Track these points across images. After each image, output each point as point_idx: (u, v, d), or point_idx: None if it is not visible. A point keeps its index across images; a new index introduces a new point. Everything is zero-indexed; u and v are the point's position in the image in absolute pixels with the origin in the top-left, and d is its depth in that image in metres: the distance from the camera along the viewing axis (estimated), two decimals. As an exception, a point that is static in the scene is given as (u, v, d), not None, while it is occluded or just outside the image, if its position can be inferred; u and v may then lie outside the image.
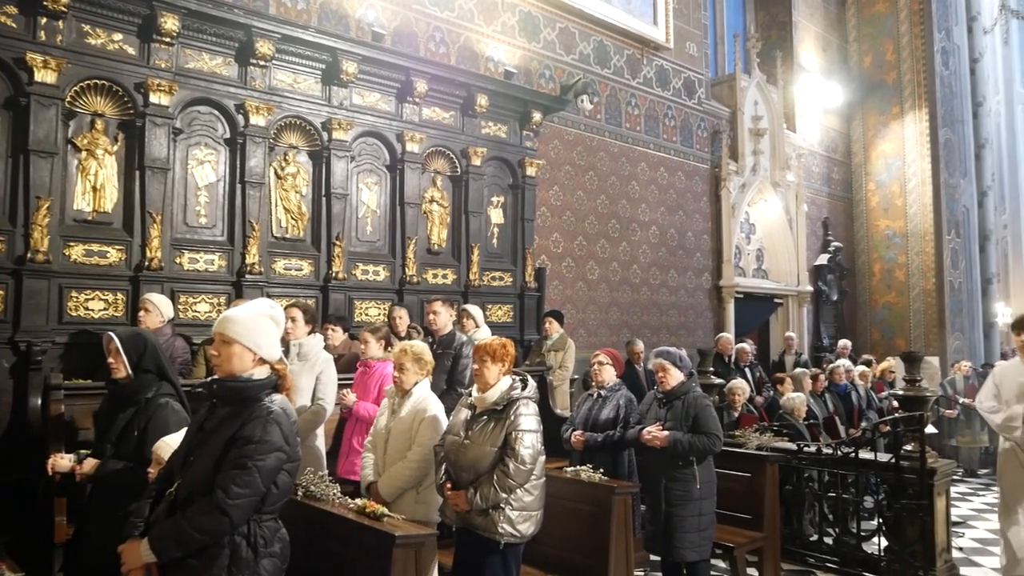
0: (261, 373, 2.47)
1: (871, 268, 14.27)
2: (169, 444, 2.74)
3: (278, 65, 6.31)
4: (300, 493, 3.30)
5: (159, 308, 5.04)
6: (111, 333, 3.20)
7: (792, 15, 13.37)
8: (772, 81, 12.46)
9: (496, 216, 7.92)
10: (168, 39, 5.63)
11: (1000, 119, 20.13)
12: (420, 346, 3.87)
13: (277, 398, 2.44)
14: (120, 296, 5.45)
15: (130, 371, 3.13)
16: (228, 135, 6.09)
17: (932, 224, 13.48)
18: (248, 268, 6.01)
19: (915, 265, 13.67)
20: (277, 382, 2.49)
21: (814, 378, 8.22)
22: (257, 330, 2.48)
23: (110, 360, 3.17)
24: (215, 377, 2.50)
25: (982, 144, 14.94)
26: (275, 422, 2.34)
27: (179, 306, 5.69)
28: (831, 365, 9.06)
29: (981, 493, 8.42)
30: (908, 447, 5.22)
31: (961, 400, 9.80)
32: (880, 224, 14.24)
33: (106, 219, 5.50)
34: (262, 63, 6.14)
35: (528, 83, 8.69)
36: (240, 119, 6.06)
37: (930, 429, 6.76)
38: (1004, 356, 13.65)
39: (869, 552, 5.42)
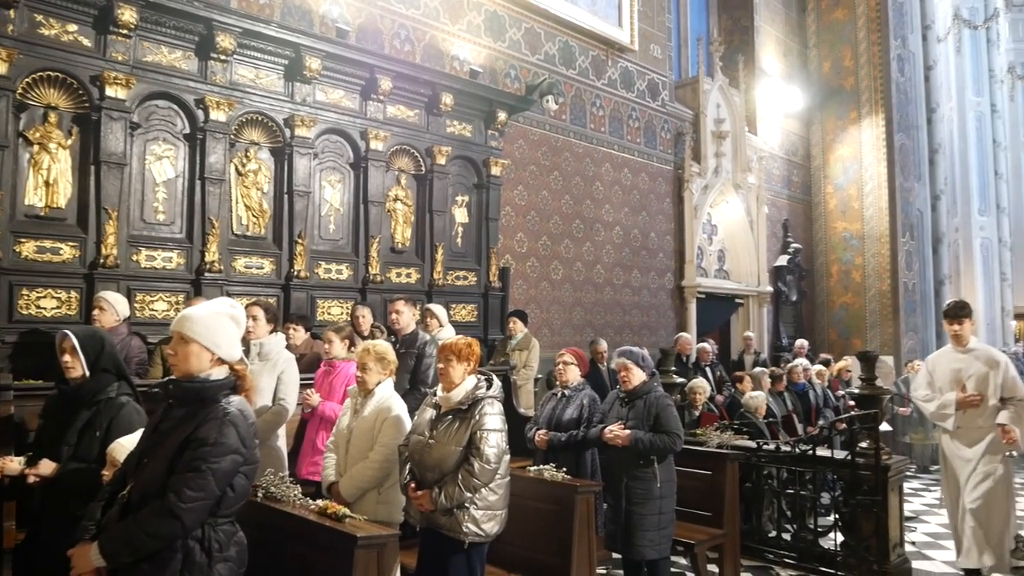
0: (219, 373, 2.42)
1: (829, 269, 14.54)
2: (125, 446, 2.68)
3: (240, 60, 6.22)
4: (260, 495, 3.25)
5: (114, 306, 4.93)
6: (66, 331, 3.12)
7: (754, 20, 13.57)
8: (734, 84, 12.63)
9: (460, 215, 7.91)
10: (125, 31, 5.50)
11: (952, 125, 20.69)
12: (383, 346, 3.84)
13: (235, 399, 2.39)
14: (74, 294, 5.32)
15: (86, 370, 3.05)
16: (188, 130, 5.98)
17: (888, 227, 13.79)
18: (208, 266, 5.91)
19: (871, 266, 13.98)
20: (236, 383, 2.44)
21: (777, 378, 8.35)
22: (216, 329, 2.43)
23: (65, 359, 3.09)
24: (171, 377, 2.45)
25: (935, 149, 15.35)
26: (231, 424, 2.29)
27: (136, 305, 5.57)
28: (789, 364, 9.22)
29: (933, 489, 8.63)
30: (863, 444, 5.33)
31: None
32: (838, 226, 14.53)
33: (59, 215, 5.36)
34: (223, 58, 6.04)
35: (493, 82, 8.68)
36: (200, 114, 5.95)
37: (884, 427, 6.94)
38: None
39: (826, 547, 5.52)
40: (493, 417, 3.33)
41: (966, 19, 21.51)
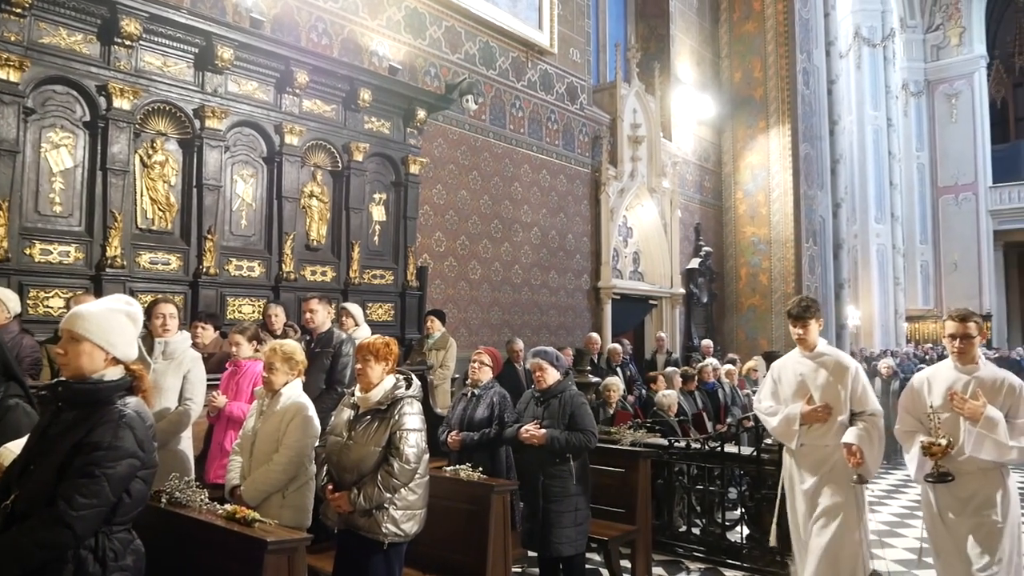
0: (114, 374, 2.29)
1: (738, 272, 15.08)
2: (13, 451, 2.51)
3: (146, 46, 5.94)
4: (164, 500, 3.12)
5: (4, 303, 4.61)
6: (-53, 329, 2.91)
7: (670, 29, 13.93)
8: (650, 91, 12.93)
9: (378, 213, 7.80)
10: (19, 10, 5.17)
11: (853, 137, 21.85)
12: (291, 345, 3.74)
13: (132, 400, 2.27)
14: (-42, 289, 4.97)
15: (-30, 371, 2.85)
16: (88, 118, 5.68)
17: (793, 232, 14.42)
18: (109, 261, 5.62)
19: (777, 270, 14.58)
20: (133, 383, 2.32)
21: (688, 377, 8.60)
22: (110, 327, 2.30)
23: (-53, 358, 2.88)
24: (61, 378, 2.31)
25: (837, 160, 16.16)
26: (128, 426, 2.17)
27: (28, 301, 5.25)
28: (700, 364, 9.50)
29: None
30: (768, 441, 5.51)
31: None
32: (747, 231, 15.09)
33: (-58, 204, 5.00)
34: (128, 43, 5.76)
35: (413, 80, 8.61)
36: (102, 101, 5.66)
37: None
38: (853, 356, 14.80)
39: (732, 540, 5.71)
40: (413, 417, 3.30)
41: (865, 37, 22.74)
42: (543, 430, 4.18)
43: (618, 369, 9.02)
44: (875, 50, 22.80)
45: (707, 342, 12.13)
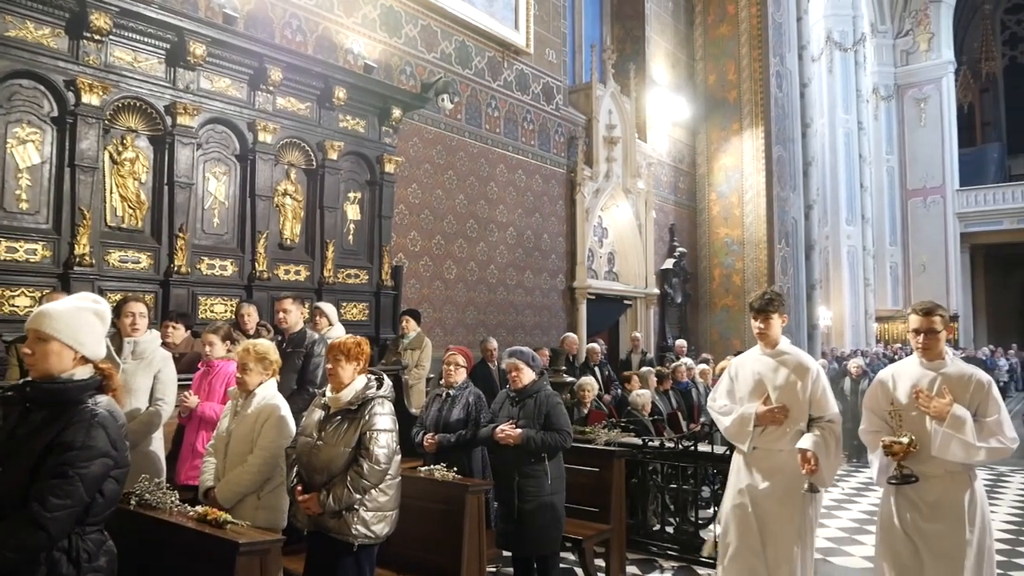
0: (83, 373, 2.26)
1: (712, 273, 15.21)
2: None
3: (116, 41, 5.85)
4: (134, 502, 3.07)
5: (-32, 301, 4.54)
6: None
7: (645, 31, 14.01)
8: (626, 92, 13.00)
9: (353, 212, 7.76)
10: (-15, 3, 5.07)
11: (824, 140, 22.15)
12: (265, 345, 3.71)
13: (102, 399, 2.24)
14: (-80, 287, 4.86)
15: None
16: (56, 113, 5.57)
17: (765, 233, 14.58)
18: (77, 259, 5.52)
19: (750, 271, 14.73)
20: (102, 382, 2.29)
21: (663, 377, 8.66)
22: (78, 326, 2.27)
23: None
24: (28, 379, 2.27)
25: (809, 162, 16.36)
26: (100, 425, 2.15)
27: (-7, 300, 5.14)
28: (674, 364, 9.58)
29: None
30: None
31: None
32: (720, 232, 15.23)
33: (-96, 200, 4.88)
34: (97, 37, 5.66)
35: (388, 79, 8.57)
36: (71, 97, 5.55)
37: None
38: (824, 355, 15.04)
39: (706, 539, 5.75)
40: (383, 417, 3.28)
41: (837, 41, 23.07)
42: (519, 430, 4.19)
43: (596, 369, 9.06)
44: (846, 54, 23.14)
45: (681, 342, 12.23)
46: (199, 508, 3.05)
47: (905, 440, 3.40)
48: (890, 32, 26.96)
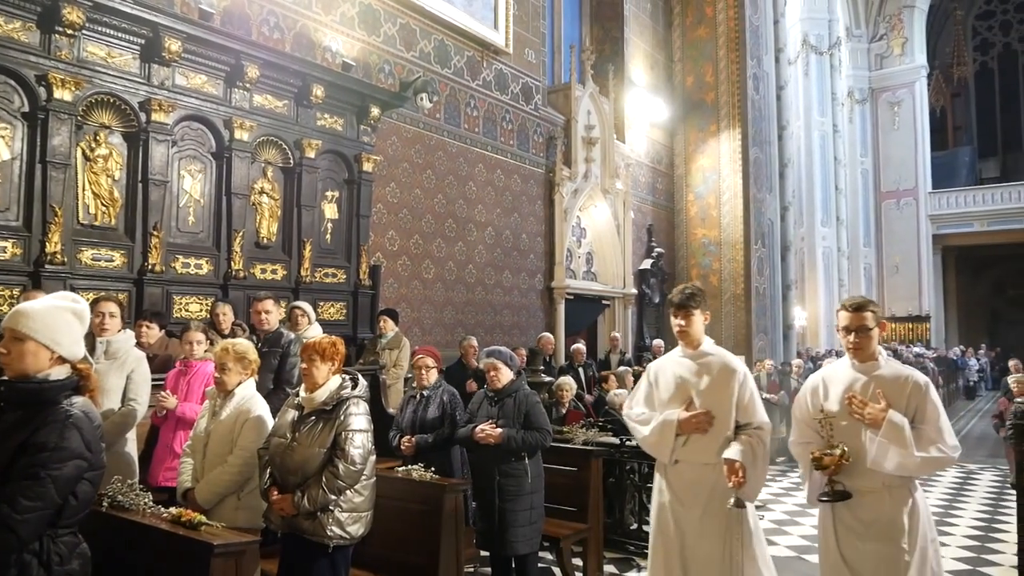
0: (60, 373, 2.22)
1: (689, 273, 15.31)
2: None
3: (90, 36, 5.76)
4: (106, 504, 3.03)
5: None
6: None
7: (624, 32, 14.08)
8: (604, 93, 13.05)
9: (330, 211, 7.71)
10: (-46, -4, 4.98)
11: (800, 142, 22.40)
12: (243, 344, 3.68)
13: (78, 400, 2.21)
14: None
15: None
16: (27, 109, 5.48)
17: (742, 234, 14.71)
18: (48, 257, 5.43)
19: (727, 271, 14.86)
20: (79, 383, 2.25)
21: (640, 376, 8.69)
22: (55, 326, 2.23)
23: None
24: (4, 378, 2.23)
25: (785, 164, 16.54)
26: (75, 426, 2.12)
27: (-38, 298, 5.05)
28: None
29: (778, 479, 9.27)
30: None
31: (764, 395, 10.78)
32: (698, 233, 15.34)
33: None
34: (70, 32, 5.57)
35: (367, 77, 8.53)
36: (42, 92, 5.46)
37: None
38: (799, 355, 15.19)
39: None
40: (358, 417, 3.26)
41: (813, 45, 23.33)
42: (499, 429, 4.19)
43: (580, 369, 9.11)
44: (822, 58, 23.41)
45: (658, 342, 12.29)
46: (173, 510, 3.02)
47: (837, 452, 3.03)
48: (865, 36, 27.30)
